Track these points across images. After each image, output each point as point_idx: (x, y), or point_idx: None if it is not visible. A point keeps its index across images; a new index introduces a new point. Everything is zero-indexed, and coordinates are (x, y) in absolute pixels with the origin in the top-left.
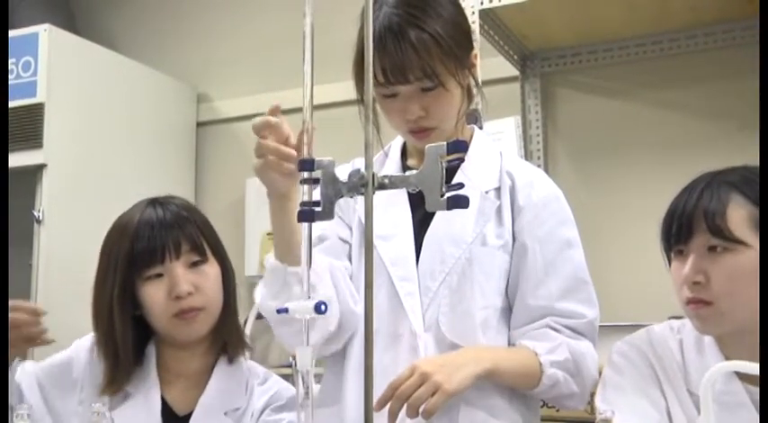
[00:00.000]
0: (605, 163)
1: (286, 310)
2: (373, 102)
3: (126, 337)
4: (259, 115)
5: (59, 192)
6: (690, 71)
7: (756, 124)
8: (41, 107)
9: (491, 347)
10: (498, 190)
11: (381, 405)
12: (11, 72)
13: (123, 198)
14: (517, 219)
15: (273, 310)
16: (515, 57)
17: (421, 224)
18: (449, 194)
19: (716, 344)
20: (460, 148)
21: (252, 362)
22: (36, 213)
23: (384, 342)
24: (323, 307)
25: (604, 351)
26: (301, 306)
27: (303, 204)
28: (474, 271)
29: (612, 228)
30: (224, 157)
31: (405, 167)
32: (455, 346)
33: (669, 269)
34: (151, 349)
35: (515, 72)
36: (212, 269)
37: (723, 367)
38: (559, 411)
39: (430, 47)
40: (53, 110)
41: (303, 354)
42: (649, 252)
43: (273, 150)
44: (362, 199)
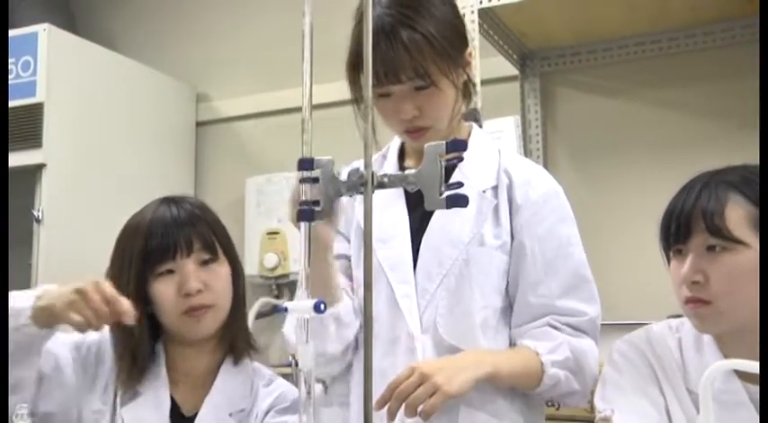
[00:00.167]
0: (605, 162)
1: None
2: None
3: (142, 335)
4: (258, 115)
5: (59, 191)
6: (689, 70)
7: (756, 123)
8: (41, 107)
9: (492, 351)
10: (496, 188)
11: (381, 405)
12: (10, 72)
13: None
14: (515, 217)
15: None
16: (515, 56)
17: (418, 226)
18: (448, 193)
19: (715, 343)
20: (459, 147)
21: (258, 363)
22: (35, 213)
23: (383, 345)
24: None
25: (604, 350)
26: (301, 305)
27: (302, 203)
28: (472, 272)
29: (612, 226)
30: (223, 157)
31: (402, 168)
32: (453, 349)
33: (668, 268)
34: (160, 348)
35: (515, 71)
36: (223, 268)
37: (722, 366)
38: (559, 410)
39: (422, 47)
40: (52, 109)
41: (305, 352)
42: (648, 251)
43: None
44: (361, 204)
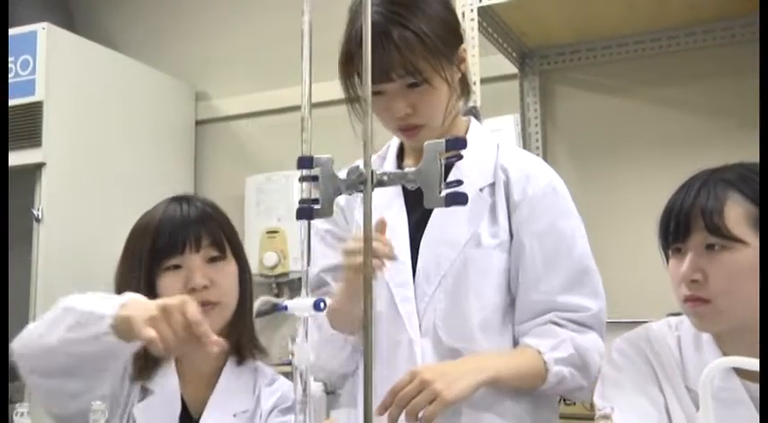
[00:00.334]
0: (604, 160)
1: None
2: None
3: None
4: (257, 114)
5: (58, 190)
6: (689, 68)
7: (756, 122)
8: (40, 105)
9: (494, 353)
10: (493, 186)
11: (382, 410)
12: (9, 70)
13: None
14: (513, 215)
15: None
16: (514, 54)
17: (417, 227)
18: (447, 191)
19: (714, 341)
20: (459, 145)
21: (260, 363)
22: (35, 212)
23: (384, 348)
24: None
25: (604, 347)
26: (300, 304)
27: (302, 202)
28: (469, 273)
29: (611, 224)
30: (223, 156)
31: (401, 168)
32: (453, 351)
33: (667, 267)
34: None
35: (514, 70)
36: (230, 267)
37: (722, 363)
38: (559, 408)
39: (413, 45)
40: (52, 108)
41: (301, 350)
42: (648, 249)
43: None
44: (361, 206)
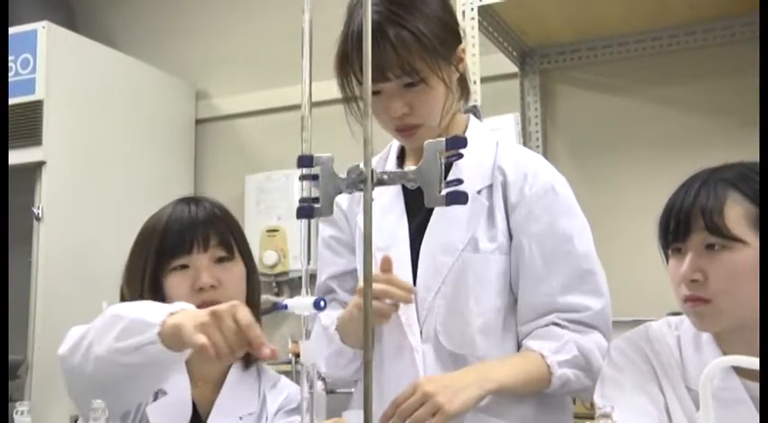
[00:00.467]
0: (604, 159)
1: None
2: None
3: None
4: (258, 112)
5: (59, 189)
6: (689, 68)
7: (756, 121)
8: (40, 104)
9: (496, 362)
10: (490, 188)
11: (385, 422)
12: (9, 69)
13: (122, 195)
14: (512, 216)
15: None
16: (514, 53)
17: (417, 232)
18: (447, 190)
19: (714, 340)
20: (459, 145)
21: (263, 364)
22: (36, 211)
23: (386, 355)
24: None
25: None
26: (301, 303)
27: (302, 201)
28: (468, 279)
29: (612, 224)
30: (223, 154)
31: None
32: (455, 356)
33: (667, 266)
34: None
35: (514, 69)
36: (238, 267)
37: (722, 362)
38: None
39: (410, 44)
40: (52, 107)
41: (306, 349)
42: (648, 248)
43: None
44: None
